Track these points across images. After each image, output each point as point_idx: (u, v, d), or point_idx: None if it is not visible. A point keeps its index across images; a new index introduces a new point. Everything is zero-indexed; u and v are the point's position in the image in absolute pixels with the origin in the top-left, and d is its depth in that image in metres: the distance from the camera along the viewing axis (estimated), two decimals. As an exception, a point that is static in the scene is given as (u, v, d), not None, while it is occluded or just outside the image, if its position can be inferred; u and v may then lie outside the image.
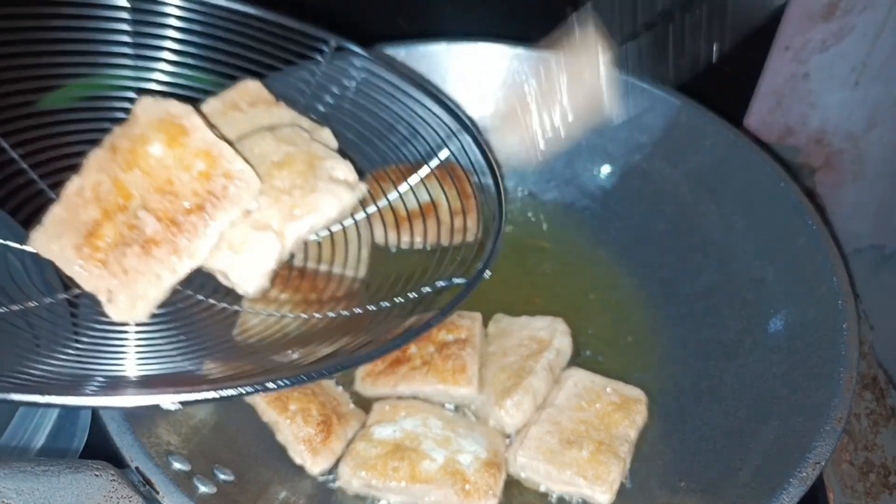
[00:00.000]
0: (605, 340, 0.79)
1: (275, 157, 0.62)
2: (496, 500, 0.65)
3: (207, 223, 0.56)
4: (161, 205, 0.56)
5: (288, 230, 0.59)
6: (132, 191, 0.56)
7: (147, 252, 0.56)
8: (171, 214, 0.56)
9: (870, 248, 1.23)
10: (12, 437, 0.64)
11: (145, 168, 0.56)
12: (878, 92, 1.06)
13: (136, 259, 0.56)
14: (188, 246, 0.56)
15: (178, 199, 0.56)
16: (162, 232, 0.56)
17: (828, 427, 0.60)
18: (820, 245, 0.71)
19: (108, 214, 0.56)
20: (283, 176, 0.61)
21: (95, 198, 0.56)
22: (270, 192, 0.60)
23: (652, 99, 0.84)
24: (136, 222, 0.56)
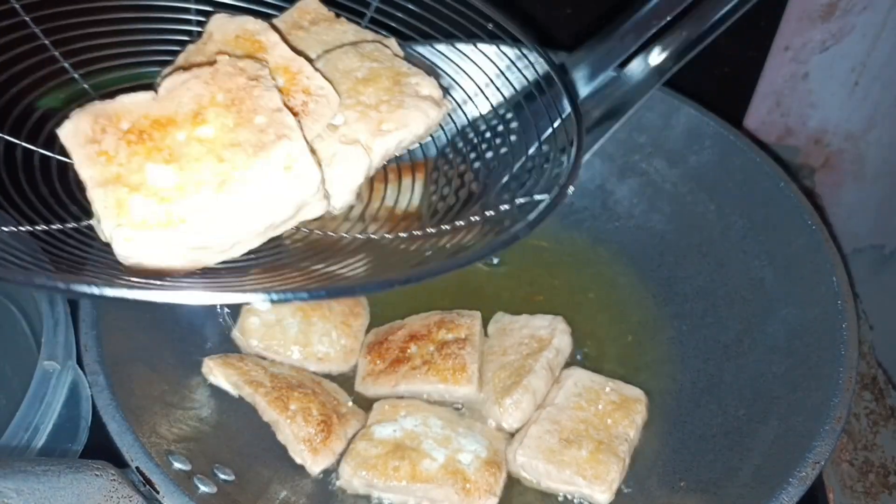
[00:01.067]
0: (605, 340, 0.79)
1: (359, 74, 0.60)
2: (496, 499, 0.65)
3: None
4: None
5: (376, 144, 0.58)
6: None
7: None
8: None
9: (869, 248, 1.23)
10: (12, 437, 0.64)
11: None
12: (877, 92, 1.06)
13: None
14: None
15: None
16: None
17: (827, 427, 0.60)
18: (819, 245, 0.71)
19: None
20: (369, 92, 0.60)
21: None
22: (357, 108, 0.59)
23: (651, 99, 0.84)
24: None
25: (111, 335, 0.63)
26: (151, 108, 0.50)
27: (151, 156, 0.48)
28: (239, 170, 0.49)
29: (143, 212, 0.47)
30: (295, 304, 0.75)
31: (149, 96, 0.51)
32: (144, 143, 0.49)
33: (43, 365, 0.67)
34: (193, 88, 0.50)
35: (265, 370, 0.71)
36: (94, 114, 0.49)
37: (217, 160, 0.49)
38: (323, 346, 0.74)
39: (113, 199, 0.47)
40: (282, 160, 0.49)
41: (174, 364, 0.70)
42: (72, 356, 0.69)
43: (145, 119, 0.49)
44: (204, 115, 0.50)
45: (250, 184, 0.49)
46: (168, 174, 0.48)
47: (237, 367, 0.70)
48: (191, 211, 0.48)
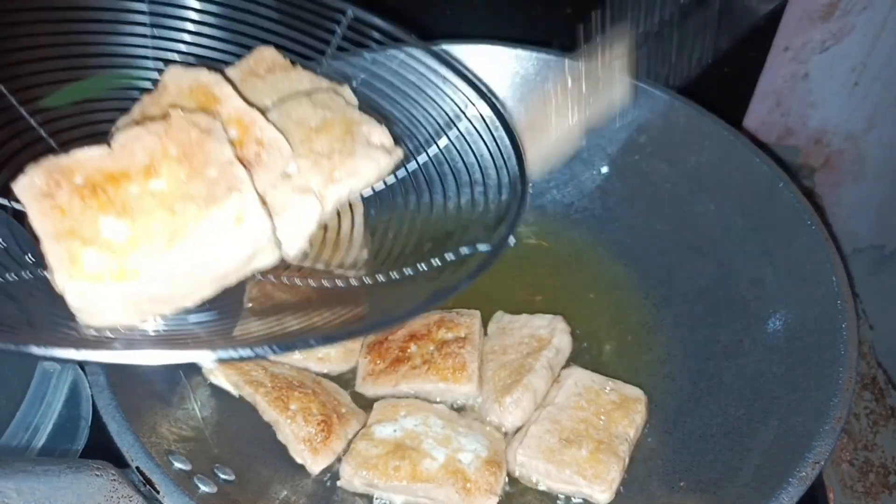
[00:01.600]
0: (605, 340, 0.79)
1: (313, 123, 0.62)
2: (497, 499, 0.65)
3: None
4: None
5: (329, 192, 0.60)
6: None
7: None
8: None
9: (869, 248, 1.23)
10: (13, 437, 0.64)
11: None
12: (877, 92, 1.06)
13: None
14: None
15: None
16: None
17: (827, 427, 0.60)
18: (819, 245, 0.71)
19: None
20: (321, 140, 0.61)
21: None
22: (310, 156, 0.60)
23: (651, 99, 0.84)
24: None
25: (111, 335, 0.63)
26: (105, 162, 0.51)
27: (105, 209, 0.49)
28: (190, 222, 0.50)
29: (96, 265, 0.48)
30: (295, 304, 0.75)
31: (103, 150, 0.52)
32: (98, 196, 0.50)
33: (43, 365, 0.67)
34: (146, 142, 0.51)
35: (265, 370, 0.71)
36: (49, 168, 0.50)
37: (169, 213, 0.50)
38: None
39: (66, 253, 0.48)
40: (233, 212, 0.51)
41: (174, 364, 0.69)
42: (72, 356, 0.69)
43: (99, 173, 0.50)
44: (157, 169, 0.51)
45: (201, 236, 0.50)
46: (121, 227, 0.49)
47: (237, 367, 0.70)
48: (143, 263, 0.49)
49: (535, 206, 0.91)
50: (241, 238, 0.51)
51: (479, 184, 0.68)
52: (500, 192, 0.65)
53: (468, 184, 0.69)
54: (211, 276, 0.51)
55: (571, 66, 0.79)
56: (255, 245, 0.52)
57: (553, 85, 0.77)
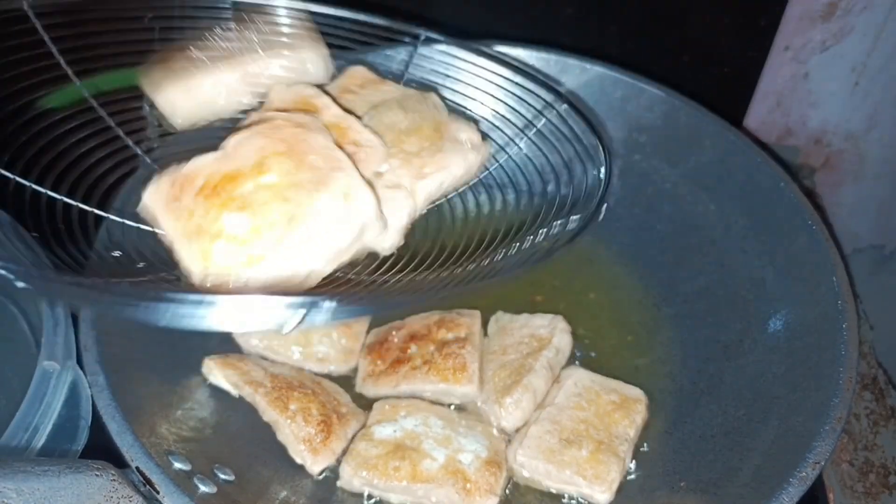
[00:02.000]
0: (605, 340, 0.79)
1: (403, 125, 0.66)
2: (497, 499, 0.65)
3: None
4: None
5: (419, 187, 0.63)
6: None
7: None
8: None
9: (869, 248, 1.23)
10: (13, 437, 0.64)
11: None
12: (878, 92, 1.06)
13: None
14: None
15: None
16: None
17: (827, 427, 0.60)
18: (820, 245, 0.71)
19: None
20: (412, 141, 0.65)
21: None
22: (401, 156, 0.64)
23: (651, 99, 0.84)
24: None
25: (111, 335, 0.63)
26: (220, 165, 0.56)
27: (226, 206, 0.54)
28: (303, 206, 0.54)
29: (225, 256, 0.53)
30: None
31: (217, 155, 0.57)
32: (218, 196, 0.54)
33: (43, 365, 0.67)
34: (254, 142, 0.57)
35: (265, 370, 0.71)
36: (172, 177, 0.56)
37: (283, 201, 0.54)
38: (323, 347, 0.74)
39: (198, 249, 0.53)
40: (339, 190, 0.55)
41: (174, 364, 0.70)
42: (72, 356, 0.69)
43: (216, 175, 0.55)
44: (266, 164, 0.56)
45: (315, 215, 0.54)
46: (242, 220, 0.54)
47: (237, 367, 0.70)
48: (267, 248, 0.53)
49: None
50: (350, 213, 0.55)
51: (563, 175, 0.71)
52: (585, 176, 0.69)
53: (552, 175, 0.72)
54: (328, 252, 0.55)
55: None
56: (363, 219, 0.56)
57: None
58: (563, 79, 0.85)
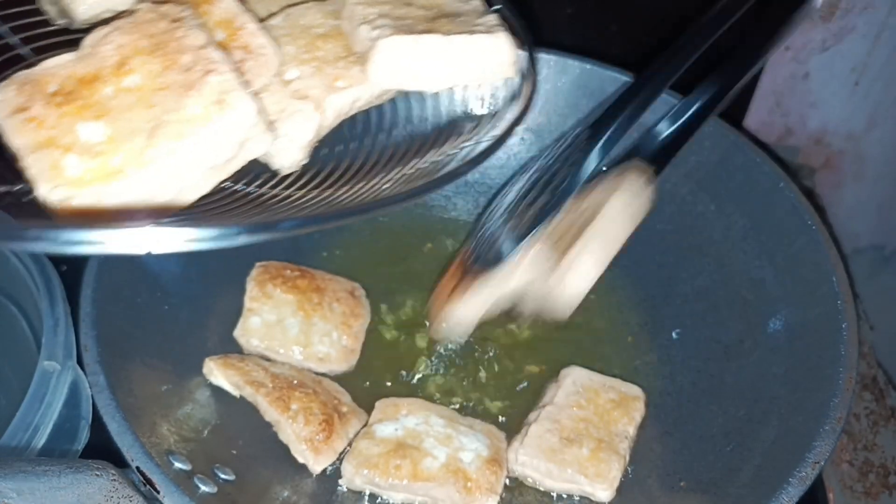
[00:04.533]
0: (605, 341, 0.79)
1: (320, 30, 0.59)
2: (497, 498, 0.65)
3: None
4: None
5: (329, 101, 0.56)
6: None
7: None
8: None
9: (869, 249, 1.23)
10: (13, 437, 0.64)
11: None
12: (878, 92, 1.06)
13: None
14: None
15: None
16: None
17: (827, 427, 0.60)
18: (819, 245, 0.71)
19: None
20: (327, 48, 0.58)
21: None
22: (313, 63, 0.57)
23: (652, 99, 0.84)
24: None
25: (111, 335, 0.63)
26: (76, 67, 0.49)
27: (81, 114, 0.47)
28: (170, 112, 0.48)
29: (77, 169, 0.46)
30: (295, 304, 0.75)
31: (72, 56, 0.50)
32: (73, 102, 0.48)
33: (43, 365, 0.67)
34: (115, 40, 0.50)
35: (266, 370, 0.71)
36: (20, 82, 0.49)
37: (147, 107, 0.48)
38: (324, 347, 0.75)
39: (46, 162, 0.46)
40: (212, 95, 0.48)
41: (174, 364, 0.70)
42: (72, 356, 0.69)
43: (71, 79, 0.49)
44: (129, 65, 0.49)
45: (183, 124, 0.47)
46: (99, 129, 0.47)
47: (238, 367, 0.70)
48: (127, 161, 0.46)
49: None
50: (226, 122, 0.48)
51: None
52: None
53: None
54: (202, 166, 0.49)
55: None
56: (241, 128, 0.49)
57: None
58: (563, 79, 0.85)
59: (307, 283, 0.77)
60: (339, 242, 0.86)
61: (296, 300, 0.76)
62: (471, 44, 0.57)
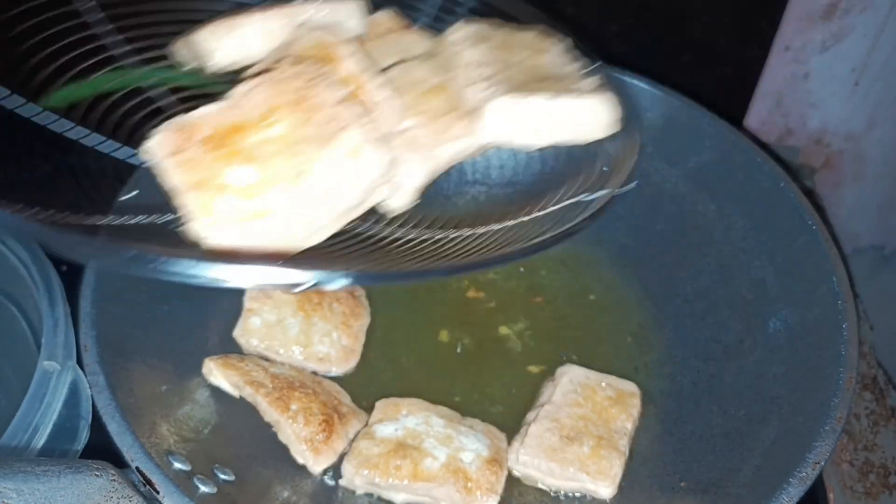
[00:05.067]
0: (605, 341, 0.79)
1: (427, 84, 0.63)
2: (498, 498, 0.65)
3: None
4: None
5: (440, 150, 0.61)
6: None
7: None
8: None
9: (870, 249, 1.23)
10: (12, 437, 0.64)
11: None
12: (878, 92, 1.06)
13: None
14: None
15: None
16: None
17: (827, 427, 0.60)
18: (820, 245, 0.71)
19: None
20: (437, 101, 0.62)
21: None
22: (426, 114, 0.61)
23: (651, 99, 0.84)
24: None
25: (111, 336, 0.63)
26: (225, 115, 0.55)
27: (231, 158, 0.53)
28: (311, 161, 0.53)
29: (230, 209, 0.51)
30: (295, 304, 0.75)
31: (223, 104, 0.55)
32: (224, 147, 0.53)
33: (43, 365, 0.67)
34: (261, 93, 0.55)
35: (265, 370, 0.71)
36: (175, 127, 0.54)
37: (291, 155, 0.53)
38: (324, 347, 0.75)
39: (201, 201, 0.51)
40: (347, 147, 0.54)
41: (174, 364, 0.70)
42: (72, 356, 0.69)
43: (221, 126, 0.54)
44: (273, 116, 0.54)
45: (322, 172, 0.53)
46: (248, 173, 0.52)
47: (238, 367, 0.70)
48: (273, 203, 0.52)
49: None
50: (358, 171, 0.54)
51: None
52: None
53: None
54: (336, 209, 0.54)
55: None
56: (370, 177, 0.55)
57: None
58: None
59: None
60: (339, 242, 0.86)
61: (296, 300, 0.76)
62: (577, 105, 0.61)
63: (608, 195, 0.59)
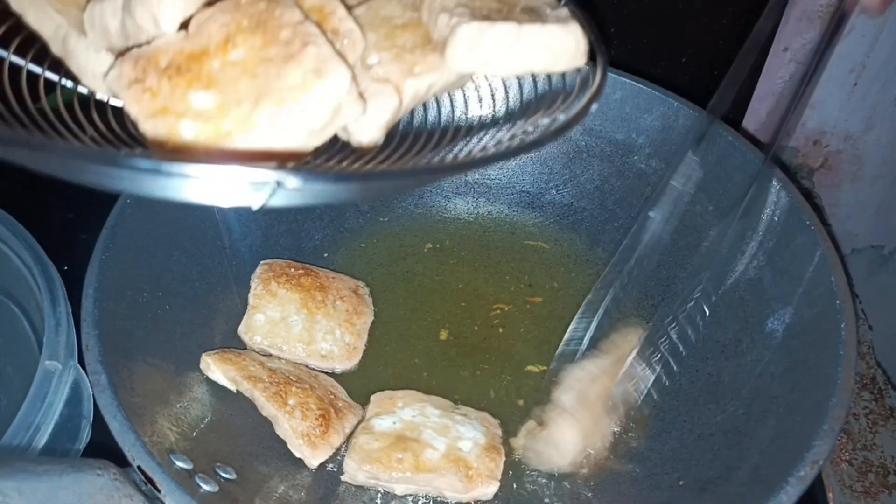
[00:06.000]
0: (605, 340, 0.79)
1: (399, 21, 0.63)
2: (498, 484, 0.66)
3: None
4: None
5: (407, 85, 0.60)
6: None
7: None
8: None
9: (868, 249, 1.23)
10: (14, 436, 0.64)
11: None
12: (876, 93, 1.06)
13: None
14: None
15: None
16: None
17: (826, 426, 0.60)
18: (818, 245, 0.71)
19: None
20: (406, 37, 0.62)
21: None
22: (393, 50, 0.61)
23: (649, 100, 0.84)
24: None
25: (113, 335, 0.63)
26: (184, 44, 0.54)
27: (192, 84, 0.52)
28: (273, 81, 0.52)
29: (192, 132, 0.51)
30: (299, 302, 0.76)
31: (181, 35, 0.55)
32: (184, 75, 0.53)
33: (44, 365, 0.67)
34: (219, 20, 0.55)
35: (262, 365, 0.71)
36: (134, 58, 0.54)
37: (252, 77, 0.52)
38: (327, 344, 0.75)
39: (163, 127, 0.51)
40: (310, 64, 0.53)
41: (176, 363, 0.70)
42: (73, 356, 0.69)
43: (181, 55, 0.54)
44: (233, 41, 0.54)
45: (284, 91, 0.52)
46: (209, 98, 0.52)
47: (235, 362, 0.70)
48: (236, 124, 0.51)
49: (534, 207, 0.91)
50: (323, 89, 0.53)
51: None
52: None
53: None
54: (300, 129, 0.53)
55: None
56: (336, 93, 0.53)
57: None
58: (563, 79, 0.85)
59: (311, 280, 0.77)
60: (340, 243, 0.87)
61: (299, 298, 0.76)
62: (544, 33, 0.60)
63: (572, 116, 0.58)
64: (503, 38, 0.60)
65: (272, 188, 0.45)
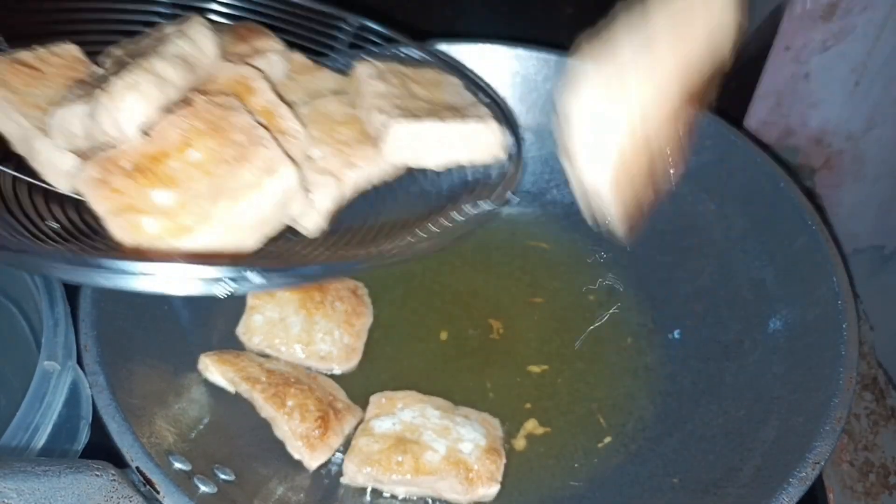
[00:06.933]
0: (604, 341, 0.79)
1: (338, 117, 0.70)
2: (498, 486, 0.66)
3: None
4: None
5: (346, 176, 0.66)
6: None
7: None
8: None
9: (869, 249, 1.23)
10: (13, 437, 0.64)
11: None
12: (878, 92, 1.06)
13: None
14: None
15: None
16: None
17: (827, 427, 0.60)
18: (820, 245, 0.71)
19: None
20: (345, 132, 0.68)
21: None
22: (334, 144, 0.67)
23: (652, 99, 0.84)
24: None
25: (111, 335, 0.63)
26: (146, 146, 0.59)
27: (153, 184, 0.57)
28: (228, 179, 0.58)
29: (154, 228, 0.55)
30: (298, 302, 0.75)
31: (142, 139, 0.60)
32: (146, 175, 0.58)
33: (43, 365, 0.67)
34: (177, 124, 0.60)
35: (261, 366, 0.71)
36: (100, 161, 0.58)
37: (208, 176, 0.58)
38: (325, 345, 0.75)
39: (127, 223, 0.55)
40: (261, 164, 0.59)
41: (175, 364, 0.70)
42: (72, 356, 0.69)
43: (143, 157, 0.59)
44: (190, 143, 0.59)
45: (238, 188, 0.57)
46: (170, 195, 0.57)
47: (233, 363, 0.70)
48: (194, 220, 0.56)
49: (534, 207, 0.91)
50: (273, 186, 0.58)
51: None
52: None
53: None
54: (254, 224, 0.58)
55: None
56: (284, 189, 0.59)
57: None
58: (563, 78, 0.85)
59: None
60: (339, 242, 0.86)
61: (298, 298, 0.76)
62: (465, 129, 0.68)
63: (488, 209, 0.65)
64: (429, 133, 0.68)
65: (236, 280, 0.51)
